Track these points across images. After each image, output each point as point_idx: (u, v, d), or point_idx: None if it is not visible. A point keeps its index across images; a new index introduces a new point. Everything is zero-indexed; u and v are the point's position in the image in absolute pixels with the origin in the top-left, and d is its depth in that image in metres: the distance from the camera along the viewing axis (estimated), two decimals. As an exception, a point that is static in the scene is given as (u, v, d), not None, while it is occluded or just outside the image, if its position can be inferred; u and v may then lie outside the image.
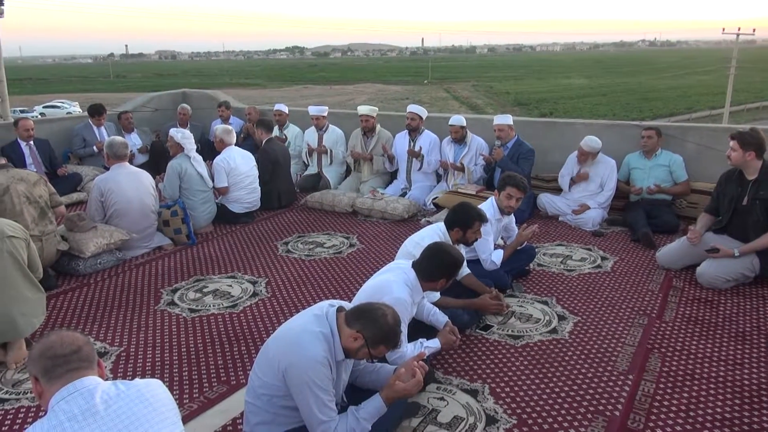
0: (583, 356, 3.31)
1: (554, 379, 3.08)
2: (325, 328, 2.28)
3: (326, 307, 2.37)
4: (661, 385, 3.01)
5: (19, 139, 6.69)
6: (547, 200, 5.92)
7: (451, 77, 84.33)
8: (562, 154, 6.00)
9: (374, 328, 2.25)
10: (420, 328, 3.23)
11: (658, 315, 3.79)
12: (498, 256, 4.12)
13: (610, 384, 3.03)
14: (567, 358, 3.30)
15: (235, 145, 6.06)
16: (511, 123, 6.01)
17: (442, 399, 2.93)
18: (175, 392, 3.01)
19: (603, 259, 4.80)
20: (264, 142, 6.41)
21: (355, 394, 2.57)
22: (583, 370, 3.16)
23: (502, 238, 4.51)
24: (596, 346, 3.41)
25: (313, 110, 7.30)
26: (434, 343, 3.03)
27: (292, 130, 7.70)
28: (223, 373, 3.21)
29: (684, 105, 49.49)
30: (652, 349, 3.36)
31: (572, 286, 4.28)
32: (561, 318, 3.77)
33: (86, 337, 1.84)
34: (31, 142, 6.75)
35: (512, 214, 4.36)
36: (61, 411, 1.65)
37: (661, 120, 31.38)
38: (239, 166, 5.81)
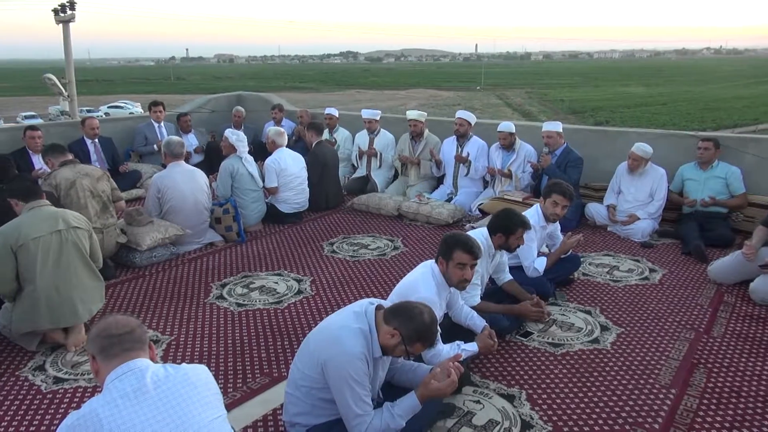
0: (624, 368, 3.26)
1: (593, 389, 3.06)
2: (364, 324, 2.35)
3: (366, 304, 2.44)
4: (705, 401, 2.94)
5: (85, 137, 7.07)
6: (595, 210, 5.83)
7: (505, 84, 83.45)
8: (613, 163, 5.89)
9: (411, 326, 2.30)
10: (458, 332, 3.27)
11: (706, 330, 3.69)
12: (541, 264, 4.10)
13: (651, 397, 2.98)
14: (608, 368, 3.26)
15: (287, 147, 6.23)
16: (560, 130, 5.95)
17: (478, 402, 2.95)
18: (219, 381, 3.14)
19: (651, 271, 4.70)
20: (314, 144, 6.56)
21: (391, 391, 2.63)
22: (624, 382, 3.12)
23: (546, 246, 4.49)
24: (639, 358, 3.35)
25: (366, 113, 7.43)
26: (472, 347, 3.06)
27: (341, 134, 7.84)
28: (266, 366, 3.32)
29: (751, 116, 47.34)
30: (698, 364, 3.28)
31: (617, 297, 4.21)
32: (604, 328, 3.72)
33: (139, 321, 1.97)
34: (96, 140, 7.12)
35: (557, 222, 4.33)
36: (115, 388, 1.78)
37: (724, 131, 30.19)
38: (289, 167, 5.97)
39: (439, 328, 2.92)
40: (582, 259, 4.77)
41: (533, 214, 4.16)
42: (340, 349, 2.29)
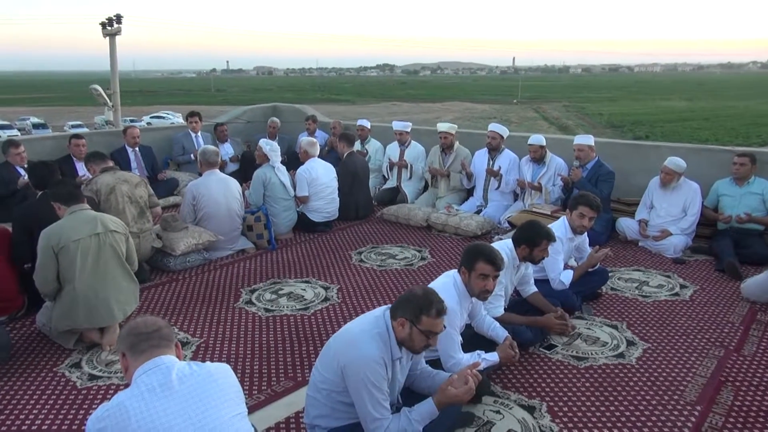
0: (649, 383, 3.22)
1: (615, 403, 3.03)
2: (382, 328, 2.41)
3: (383, 309, 2.50)
4: (731, 419, 2.88)
5: (126, 145, 7.34)
6: (626, 224, 5.76)
7: (542, 97, 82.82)
8: (645, 178, 5.82)
9: (408, 305, 2.38)
10: (480, 342, 3.28)
11: (737, 348, 3.62)
12: (567, 277, 4.08)
13: (675, 413, 2.94)
14: (632, 383, 3.22)
15: (320, 157, 6.35)
16: (592, 143, 5.91)
17: (498, 412, 2.96)
18: (245, 383, 3.23)
19: (682, 287, 4.62)
20: (345, 155, 6.67)
21: (411, 397, 2.66)
22: (648, 397, 3.08)
23: (574, 259, 4.46)
24: (664, 374, 3.31)
25: (397, 125, 7.51)
26: (492, 356, 3.07)
27: (373, 145, 7.94)
28: (291, 370, 3.40)
29: (800, 132, 45.79)
30: (725, 382, 3.22)
31: (645, 312, 4.15)
32: (630, 343, 3.68)
33: (166, 321, 2.07)
34: (137, 149, 7.38)
35: (585, 235, 4.31)
36: (143, 383, 1.87)
37: (768, 147, 29.24)
38: (320, 177, 6.09)
39: (457, 336, 2.96)
40: (611, 274, 4.72)
41: (560, 226, 4.15)
42: (359, 353, 2.35)
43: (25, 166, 5.99)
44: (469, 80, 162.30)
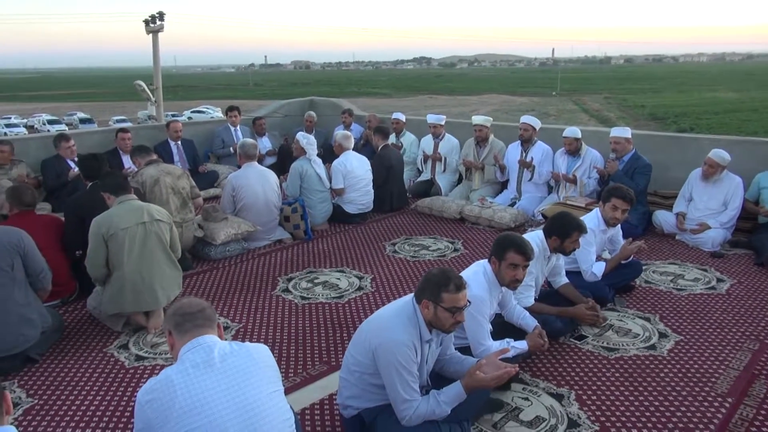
0: (680, 375, 3.23)
1: (645, 393, 3.05)
2: (410, 312, 2.50)
3: (411, 295, 2.59)
4: (763, 412, 2.88)
5: (169, 139, 7.60)
6: (663, 217, 5.69)
7: (582, 89, 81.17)
8: (684, 171, 5.74)
9: (428, 286, 2.46)
10: (510, 331, 3.33)
11: (773, 342, 3.58)
12: (599, 269, 4.09)
13: (705, 404, 2.95)
14: (662, 375, 3.23)
15: (355, 150, 6.46)
16: (629, 136, 5.86)
17: (526, 399, 3.02)
18: (282, 366, 3.36)
19: (719, 281, 4.57)
20: (380, 147, 6.76)
21: (440, 381, 2.74)
22: (678, 388, 3.09)
23: (608, 251, 4.46)
24: (696, 366, 3.31)
25: (431, 118, 7.57)
26: (521, 345, 3.12)
27: (408, 138, 8.01)
28: (325, 355, 3.52)
29: None
30: (759, 375, 3.20)
31: (679, 305, 4.13)
32: (662, 335, 3.68)
33: (209, 303, 2.20)
34: (179, 142, 7.64)
35: (619, 227, 4.30)
36: (187, 359, 2.01)
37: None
38: (355, 170, 6.20)
39: (487, 324, 3.03)
40: (645, 267, 4.70)
41: (593, 218, 4.16)
42: (390, 337, 2.44)
43: (75, 158, 6.29)
44: (507, 72, 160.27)
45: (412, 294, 2.59)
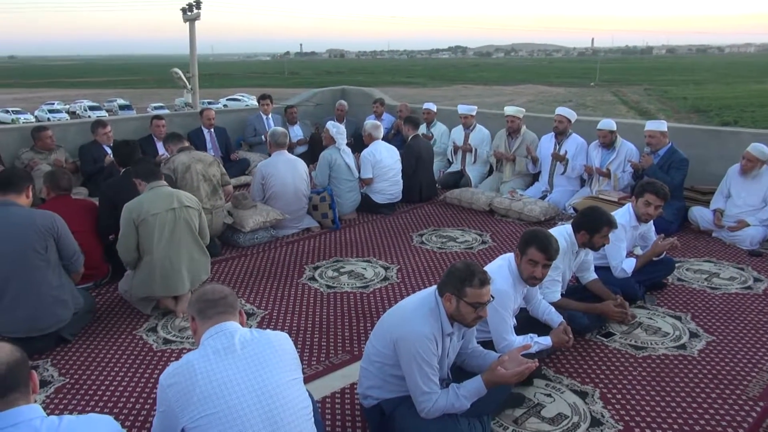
0: (710, 376, 3.14)
1: (672, 394, 2.98)
2: (432, 305, 2.49)
3: (434, 287, 2.57)
4: (796, 417, 2.78)
5: (202, 127, 7.70)
6: (699, 214, 5.53)
7: (621, 80, 79.33)
8: (723, 165, 5.56)
9: (451, 279, 2.44)
10: (535, 326, 3.29)
11: (810, 345, 3.45)
12: (629, 265, 4.00)
13: (735, 407, 2.86)
14: (691, 375, 3.15)
15: (386, 140, 6.45)
16: (665, 129, 5.69)
17: (549, 395, 2.98)
18: (305, 354, 3.40)
19: (756, 280, 4.42)
20: (410, 138, 6.73)
21: (461, 375, 2.73)
22: (707, 390, 3.01)
23: (640, 247, 4.36)
24: (727, 368, 3.21)
25: (462, 109, 7.50)
26: (545, 340, 3.08)
27: (438, 128, 7.95)
28: (348, 344, 3.54)
29: None
30: (794, 379, 3.09)
31: (713, 304, 4.01)
32: (693, 335, 3.58)
33: (232, 290, 2.23)
34: (212, 130, 7.74)
35: (651, 223, 4.19)
36: (209, 345, 2.04)
37: None
38: (384, 159, 6.19)
39: (510, 318, 3.00)
40: (678, 264, 4.58)
41: (624, 213, 4.06)
42: (411, 329, 2.43)
43: (111, 144, 6.44)
44: (544, 62, 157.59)
45: (435, 286, 2.57)
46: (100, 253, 4.30)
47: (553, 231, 3.63)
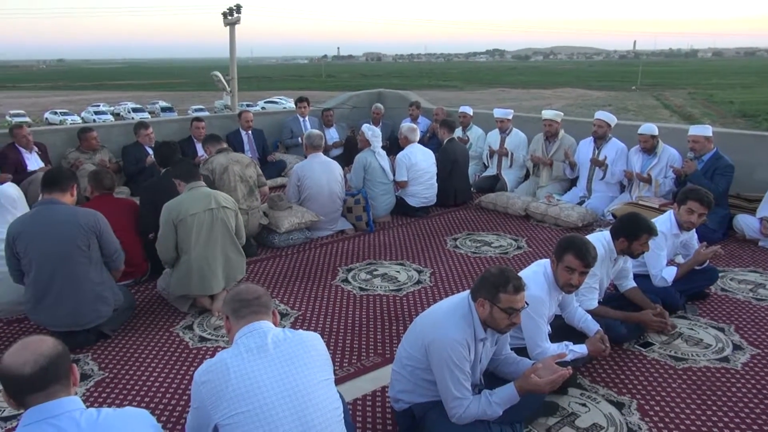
0: (754, 391, 3.03)
1: (713, 408, 2.88)
2: (465, 309, 2.47)
3: (468, 291, 2.55)
4: None
5: (240, 129, 7.83)
6: (745, 222, 5.34)
7: (665, 83, 77.38)
8: (771, 172, 5.37)
9: (485, 285, 2.41)
10: (570, 334, 3.23)
11: None
12: (670, 274, 3.88)
13: (781, 424, 2.75)
14: (734, 389, 3.04)
15: (421, 143, 6.44)
16: (710, 135, 5.52)
17: (584, 405, 2.92)
18: (336, 356, 3.41)
19: (805, 292, 4.25)
20: (445, 141, 6.70)
21: (494, 381, 2.69)
22: (751, 405, 2.90)
23: (682, 256, 4.23)
24: (773, 383, 3.09)
25: (498, 113, 7.43)
26: (581, 349, 3.01)
27: (474, 132, 7.89)
28: (380, 347, 3.54)
29: None
30: None
31: (758, 316, 3.87)
32: (737, 347, 3.46)
33: (266, 290, 2.25)
34: (250, 132, 7.86)
35: (693, 231, 4.07)
36: (242, 344, 2.07)
37: None
38: (419, 162, 6.17)
39: (545, 325, 2.94)
40: (722, 274, 4.44)
41: (665, 220, 3.95)
42: (443, 334, 2.42)
43: (153, 145, 6.60)
44: (584, 65, 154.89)
45: (468, 291, 2.55)
46: (140, 251, 4.41)
47: (590, 237, 3.56)
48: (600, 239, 3.50)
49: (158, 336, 3.70)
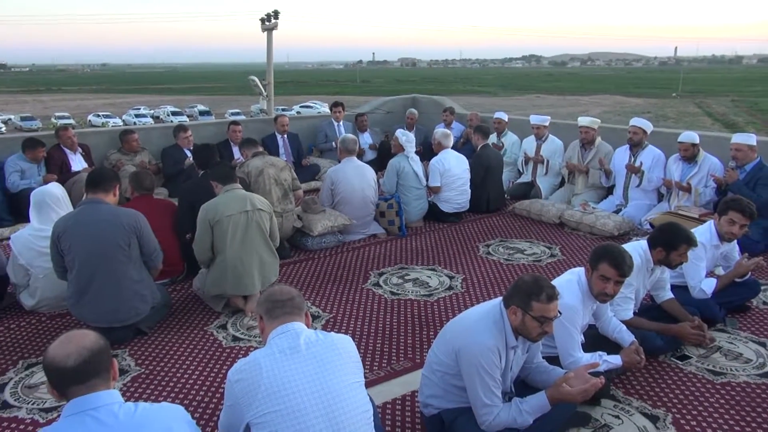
0: (797, 408, 2.93)
1: (753, 424, 2.80)
2: (497, 316, 2.46)
3: (500, 298, 2.54)
4: None
5: (276, 132, 7.94)
6: (790, 233, 5.17)
7: (707, 91, 75.40)
8: (818, 183, 5.17)
9: (518, 293, 2.40)
10: (604, 344, 3.17)
11: None
12: (709, 286, 3.79)
13: (825, 444, 2.65)
14: (776, 406, 2.95)
15: (455, 149, 6.43)
16: (753, 143, 5.36)
17: (617, 417, 2.87)
18: (367, 359, 3.43)
19: None
20: (479, 147, 6.67)
21: (525, 390, 2.67)
22: (793, 423, 2.81)
23: (722, 267, 4.12)
24: (817, 401, 2.98)
25: (534, 119, 7.36)
26: (615, 359, 2.96)
27: (509, 138, 7.84)
28: (410, 351, 3.54)
29: None
30: None
31: (803, 331, 3.74)
32: (779, 363, 3.35)
33: (299, 291, 2.29)
34: (285, 136, 7.96)
35: (735, 243, 3.96)
36: (275, 344, 2.10)
37: None
38: (452, 168, 6.16)
39: (578, 335, 2.90)
40: (764, 287, 4.30)
41: (705, 231, 3.86)
42: (474, 340, 2.41)
43: (191, 148, 6.75)
44: (623, 72, 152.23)
45: (500, 298, 2.54)
46: (177, 251, 4.51)
47: (626, 246, 3.49)
48: (637, 248, 3.44)
49: (193, 334, 3.78)
